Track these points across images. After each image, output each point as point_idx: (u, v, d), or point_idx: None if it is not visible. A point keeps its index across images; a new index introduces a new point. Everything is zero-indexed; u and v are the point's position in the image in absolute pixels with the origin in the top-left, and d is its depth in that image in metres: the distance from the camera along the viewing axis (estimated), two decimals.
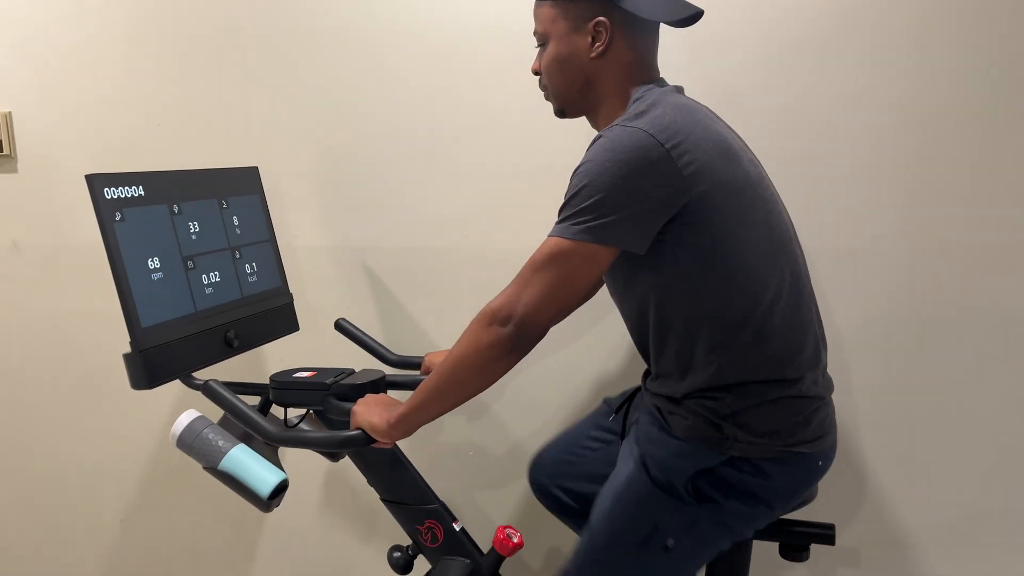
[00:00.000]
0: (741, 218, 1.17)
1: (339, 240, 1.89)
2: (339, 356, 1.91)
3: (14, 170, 2.10)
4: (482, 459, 1.87)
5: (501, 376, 1.19)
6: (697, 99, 1.41)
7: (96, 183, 1.33)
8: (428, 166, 1.80)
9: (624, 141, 1.12)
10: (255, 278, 1.67)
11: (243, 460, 1.45)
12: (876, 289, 1.60)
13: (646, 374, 1.37)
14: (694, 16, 1.27)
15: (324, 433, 1.32)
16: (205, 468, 1.46)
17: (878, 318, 1.61)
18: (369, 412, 1.29)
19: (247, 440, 1.51)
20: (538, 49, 1.30)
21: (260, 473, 1.45)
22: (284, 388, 1.49)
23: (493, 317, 1.16)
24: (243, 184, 1.70)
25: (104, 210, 1.34)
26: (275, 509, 1.47)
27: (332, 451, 1.58)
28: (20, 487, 2.28)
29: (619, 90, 1.25)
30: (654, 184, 1.12)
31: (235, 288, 1.61)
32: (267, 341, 1.69)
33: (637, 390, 1.48)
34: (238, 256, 1.63)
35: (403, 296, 1.87)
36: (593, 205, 1.12)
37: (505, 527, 1.48)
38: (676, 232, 1.16)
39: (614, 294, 1.33)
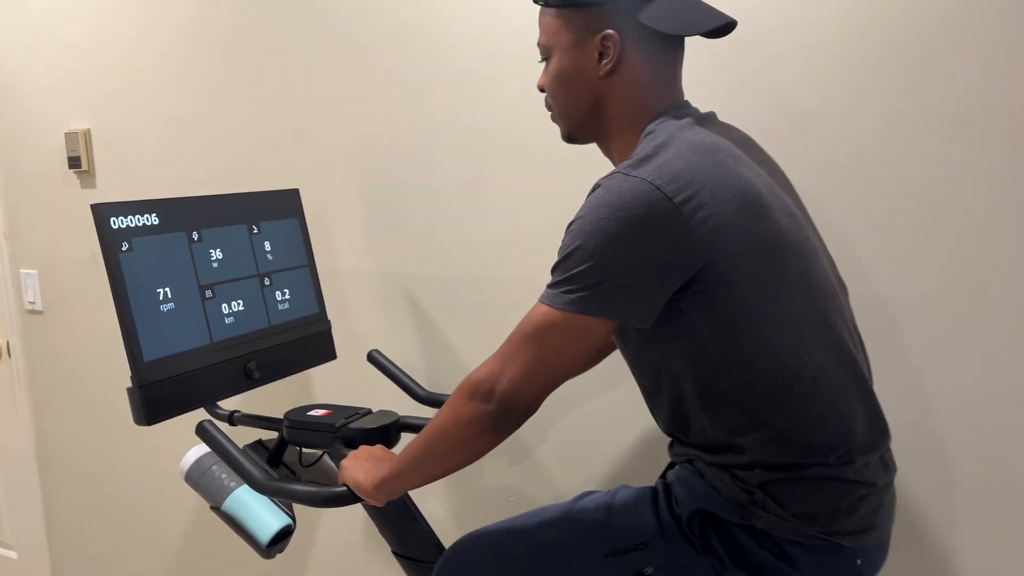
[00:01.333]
0: (771, 282, 0.98)
1: (382, 266, 1.81)
2: (383, 386, 1.83)
3: (93, 185, 2.16)
4: (524, 507, 1.74)
5: (485, 453, 1.05)
6: (759, 122, 1.21)
7: (101, 212, 1.30)
8: (476, 191, 1.68)
9: (624, 195, 0.95)
10: (287, 305, 1.61)
11: (247, 502, 1.39)
12: (979, 347, 1.33)
13: (671, 443, 1.19)
14: (724, 28, 1.08)
15: (307, 488, 1.23)
16: (211, 508, 1.41)
17: (983, 381, 1.34)
18: (356, 468, 1.18)
19: None
20: (543, 63, 1.15)
21: (263, 517, 1.39)
22: (295, 427, 1.42)
23: (475, 390, 1.02)
24: (281, 208, 1.64)
25: (109, 240, 1.30)
26: (278, 554, 1.40)
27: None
28: (97, 493, 2.35)
29: (632, 117, 1.08)
30: (660, 246, 0.94)
31: (261, 317, 1.55)
32: (298, 371, 1.63)
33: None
34: (268, 283, 1.58)
35: (445, 327, 1.76)
36: (586, 272, 0.95)
37: None
38: (691, 301, 0.98)
39: (626, 358, 1.16)
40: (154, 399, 1.33)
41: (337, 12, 1.75)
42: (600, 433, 1.65)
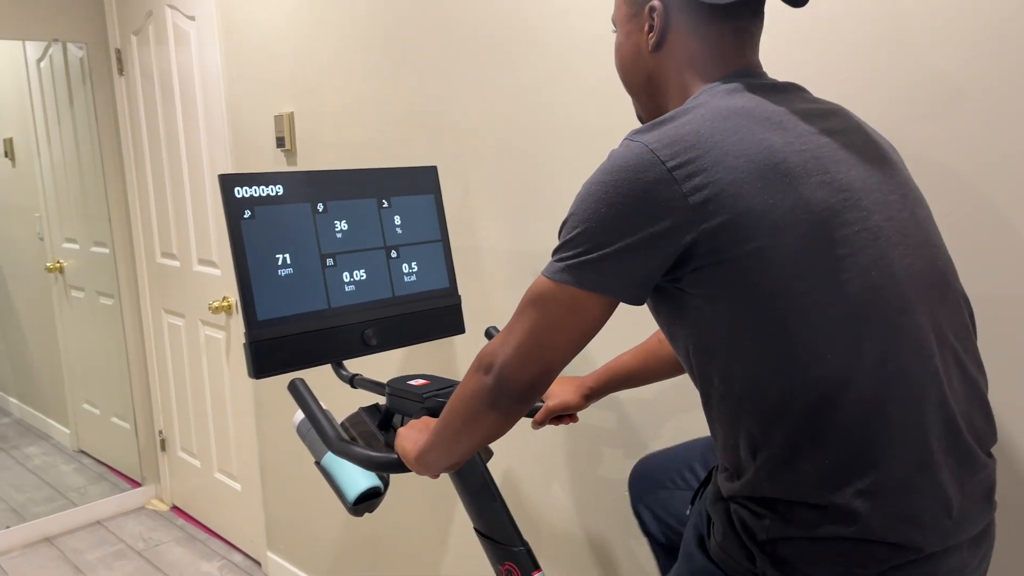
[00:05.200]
0: (789, 265, 0.83)
1: (517, 244, 1.80)
2: None
3: (295, 163, 2.39)
4: None
5: (495, 433, 0.99)
6: (903, 92, 1.02)
7: (226, 183, 1.43)
8: None
9: (618, 160, 0.87)
10: (414, 278, 1.66)
11: (342, 460, 1.46)
12: None
13: None
14: None
15: (364, 451, 1.26)
16: (314, 463, 1.51)
17: None
18: (407, 438, 1.20)
19: (370, 441, 1.52)
20: None
21: (353, 476, 1.45)
22: (393, 394, 1.47)
23: (480, 362, 0.98)
24: (417, 184, 1.69)
25: (231, 207, 1.43)
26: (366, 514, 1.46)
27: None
28: (298, 441, 2.62)
29: (681, 93, 0.97)
30: (647, 215, 0.84)
31: (385, 287, 1.62)
32: (421, 341, 1.67)
33: None
34: (395, 255, 1.64)
35: None
36: (574, 240, 0.89)
37: None
38: (691, 281, 0.86)
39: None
40: (265, 355, 1.44)
41: (482, 17, 1.77)
42: None
